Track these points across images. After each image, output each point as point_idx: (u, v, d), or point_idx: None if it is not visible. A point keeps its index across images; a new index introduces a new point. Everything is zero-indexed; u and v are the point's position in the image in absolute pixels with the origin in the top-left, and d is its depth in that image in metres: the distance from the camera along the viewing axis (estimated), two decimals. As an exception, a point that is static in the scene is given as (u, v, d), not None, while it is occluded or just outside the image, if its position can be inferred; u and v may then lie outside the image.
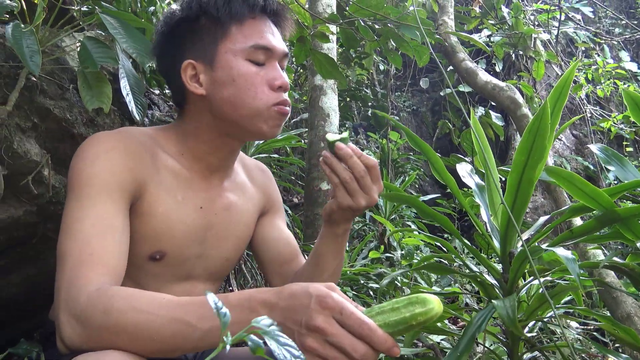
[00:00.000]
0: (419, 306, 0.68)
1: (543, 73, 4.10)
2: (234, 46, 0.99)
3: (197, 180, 1.06)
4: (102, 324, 0.74)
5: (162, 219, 0.99)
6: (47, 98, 1.10)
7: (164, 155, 1.02)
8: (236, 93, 0.98)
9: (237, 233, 1.14)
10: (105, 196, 0.90)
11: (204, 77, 1.00)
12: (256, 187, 1.22)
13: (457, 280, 3.10)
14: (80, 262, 0.83)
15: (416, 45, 1.51)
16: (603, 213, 1.13)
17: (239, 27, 1.00)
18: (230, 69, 0.98)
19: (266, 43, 1.01)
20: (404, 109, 5.87)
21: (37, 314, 1.50)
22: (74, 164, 0.94)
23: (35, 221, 1.17)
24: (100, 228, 0.87)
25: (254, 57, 1.00)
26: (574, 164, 5.01)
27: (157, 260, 1.00)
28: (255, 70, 0.99)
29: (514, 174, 1.16)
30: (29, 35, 0.93)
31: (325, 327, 0.66)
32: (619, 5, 6.25)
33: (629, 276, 1.23)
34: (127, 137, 0.98)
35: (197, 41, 1.01)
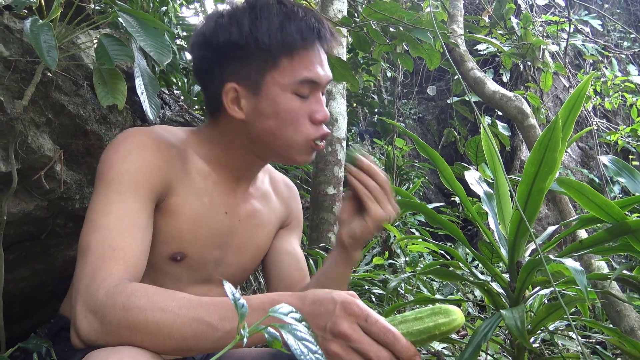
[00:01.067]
0: (442, 316, 0.71)
1: (550, 84, 4.10)
2: (283, 80, 0.96)
3: (224, 185, 1.06)
4: (120, 320, 0.74)
5: (187, 220, 0.99)
6: (61, 94, 1.10)
7: (194, 157, 1.03)
8: (278, 126, 0.98)
9: (258, 242, 1.14)
10: (133, 193, 0.90)
11: (245, 103, 0.98)
12: (280, 200, 1.22)
13: (459, 289, 3.10)
14: (102, 256, 0.83)
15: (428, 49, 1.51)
16: (614, 225, 1.13)
17: (289, 59, 0.96)
18: (276, 103, 0.97)
19: (314, 77, 0.98)
20: (410, 116, 5.88)
21: (43, 309, 1.50)
22: (105, 157, 0.94)
23: (45, 216, 1.17)
24: (126, 224, 0.87)
25: (301, 91, 0.98)
26: (579, 176, 5.00)
27: (177, 262, 1.00)
28: (299, 104, 0.98)
29: (523, 185, 1.16)
30: (47, 30, 0.94)
31: (350, 333, 0.67)
32: (628, 19, 6.25)
33: (637, 289, 1.23)
34: (160, 136, 0.98)
35: (243, 66, 0.97)
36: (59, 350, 0.95)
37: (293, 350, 0.51)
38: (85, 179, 1.22)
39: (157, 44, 1.00)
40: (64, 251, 1.34)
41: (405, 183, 4.44)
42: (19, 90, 1.00)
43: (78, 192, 1.20)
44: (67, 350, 0.90)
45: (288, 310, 0.60)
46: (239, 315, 0.55)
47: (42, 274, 1.36)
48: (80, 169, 1.22)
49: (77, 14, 1.15)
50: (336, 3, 2.39)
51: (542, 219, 4.60)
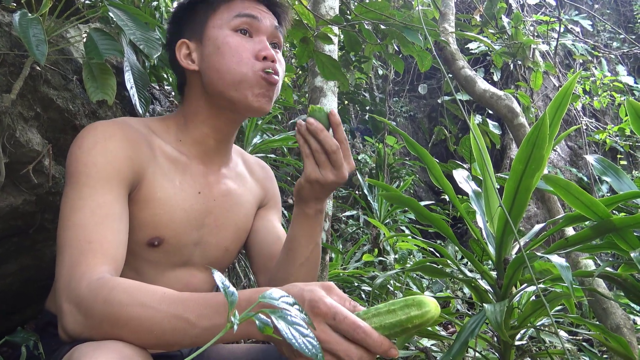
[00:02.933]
0: (415, 309, 0.67)
1: (541, 84, 4.12)
2: (221, 20, 1.04)
3: (195, 166, 1.07)
4: (102, 315, 0.75)
5: (160, 204, 0.99)
6: (50, 88, 1.10)
7: (160, 142, 1.04)
8: (221, 60, 1.01)
9: (237, 222, 1.14)
10: (103, 184, 0.90)
11: (195, 55, 1.05)
12: (255, 180, 1.23)
13: (448, 287, 3.12)
14: (79, 251, 0.83)
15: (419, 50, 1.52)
16: (599, 222, 1.15)
17: (226, 4, 1.05)
18: (215, 39, 1.02)
19: (250, 11, 1.04)
20: (401, 114, 5.89)
21: (32, 304, 1.49)
22: (71, 152, 0.94)
23: (33, 211, 1.17)
24: (99, 217, 0.87)
25: (239, 26, 1.03)
26: (568, 175, 5.04)
27: (155, 247, 1.00)
28: (239, 39, 1.03)
29: (511, 182, 1.17)
30: (36, 24, 0.93)
31: (317, 334, 0.65)
32: (617, 20, 6.31)
33: (622, 286, 1.25)
34: (124, 125, 0.99)
35: (191, 23, 1.06)
36: (45, 344, 0.95)
37: (284, 335, 0.51)
38: (74, 174, 1.22)
39: (147, 38, 1.00)
40: (52, 246, 1.33)
41: (396, 181, 4.46)
42: (7, 84, 1.00)
43: (67, 187, 1.20)
44: (53, 344, 0.90)
45: (279, 294, 0.59)
46: (229, 303, 0.55)
47: (30, 269, 1.35)
48: (69, 163, 1.21)
49: (66, 8, 1.15)
50: (328, 0, 2.39)
51: (530, 217, 4.63)
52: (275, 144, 3.11)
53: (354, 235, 3.86)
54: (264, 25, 1.05)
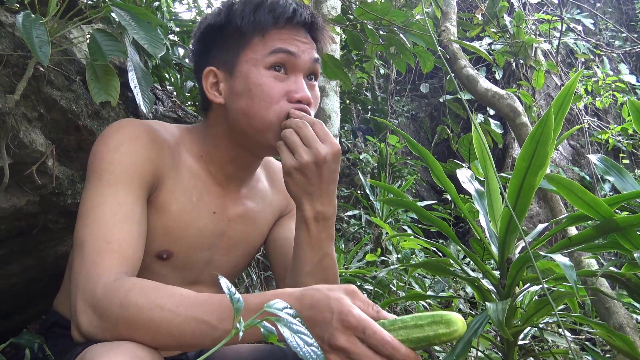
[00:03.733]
0: (443, 327, 0.68)
1: (542, 83, 4.12)
2: (255, 55, 0.95)
3: (214, 185, 1.04)
4: (118, 317, 0.74)
5: (173, 217, 0.97)
6: (54, 89, 1.10)
7: (185, 154, 1.01)
8: (250, 104, 0.94)
9: (249, 241, 1.12)
10: (125, 184, 0.89)
11: (223, 86, 0.98)
12: (277, 189, 1.19)
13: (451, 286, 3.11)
14: (98, 250, 0.82)
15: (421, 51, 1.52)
16: (602, 222, 1.15)
17: (261, 36, 0.96)
18: (247, 79, 0.95)
19: (287, 47, 0.95)
20: (403, 113, 5.89)
21: (36, 305, 1.50)
22: (96, 148, 0.93)
23: (37, 212, 1.17)
24: (120, 217, 0.86)
25: (274, 62, 0.95)
26: (570, 174, 5.04)
27: (163, 260, 0.98)
28: (273, 80, 0.95)
29: (515, 180, 1.17)
30: (39, 25, 0.93)
31: (348, 347, 0.66)
32: (619, 18, 6.30)
33: (626, 286, 1.25)
34: (152, 128, 0.97)
35: (222, 50, 0.99)
36: (51, 346, 0.95)
37: (289, 343, 0.51)
38: (77, 175, 1.22)
39: (150, 37, 0.99)
40: (55, 247, 1.34)
41: (398, 180, 4.45)
42: (11, 84, 1.00)
43: (70, 188, 1.20)
44: (59, 345, 0.90)
45: (283, 305, 0.60)
46: (235, 310, 0.56)
47: (33, 270, 1.36)
48: (73, 164, 1.21)
49: (69, 9, 1.15)
50: (330, 0, 2.39)
51: (533, 217, 4.63)
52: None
53: (356, 234, 3.86)
54: (302, 61, 0.97)
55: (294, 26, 0.98)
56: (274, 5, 0.96)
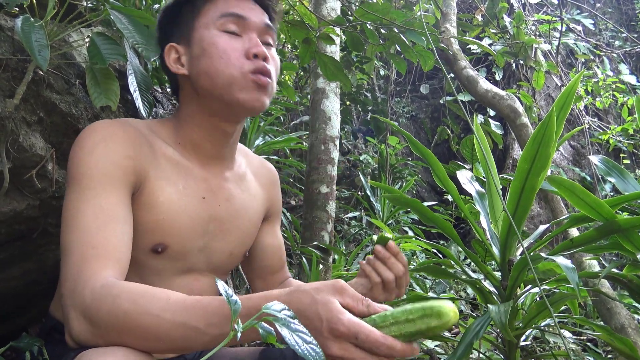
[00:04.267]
0: (434, 319, 0.67)
1: (543, 83, 4.11)
2: (206, 19, 1.00)
3: (197, 170, 1.04)
4: (107, 323, 0.74)
5: (163, 209, 0.96)
6: (53, 92, 1.09)
7: (162, 144, 1.01)
8: (209, 62, 0.98)
9: (241, 226, 1.12)
10: (105, 186, 0.88)
11: (185, 59, 1.02)
12: (261, 185, 1.20)
13: (452, 288, 3.11)
14: (83, 256, 0.82)
15: (421, 50, 1.52)
16: (604, 223, 1.14)
17: (211, 3, 1.02)
18: (202, 41, 0.99)
19: (237, 11, 1.00)
20: (404, 114, 5.89)
21: (36, 307, 1.49)
22: (72, 154, 0.92)
23: (36, 215, 1.17)
24: (103, 220, 0.85)
25: (227, 27, 0.99)
26: (571, 175, 5.03)
27: (159, 253, 0.97)
28: (227, 39, 0.99)
29: (516, 182, 1.16)
30: (38, 29, 0.93)
31: (342, 354, 0.65)
32: (619, 18, 6.29)
33: (628, 287, 1.24)
34: (125, 125, 0.97)
35: (177, 26, 1.04)
36: (49, 350, 0.95)
37: (288, 342, 0.51)
38: (77, 178, 1.22)
39: (146, 41, 1.00)
40: (55, 250, 1.33)
41: (399, 181, 4.45)
42: (10, 88, 1.00)
43: (70, 191, 1.20)
44: (58, 349, 0.89)
45: (281, 307, 0.60)
46: (232, 312, 0.55)
47: (33, 273, 1.35)
48: (72, 167, 1.21)
49: (68, 12, 1.14)
50: (329, 1, 2.39)
51: (534, 217, 4.62)
52: (277, 146, 3.11)
53: (357, 236, 3.86)
54: (253, 22, 1.01)
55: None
56: None
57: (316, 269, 2.06)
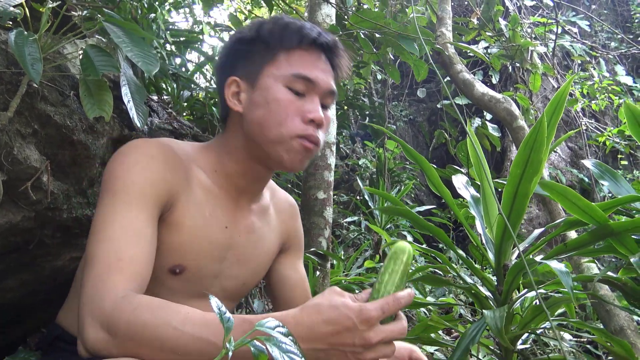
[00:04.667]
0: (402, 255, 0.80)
1: (539, 85, 4.13)
2: (277, 71, 1.00)
3: (226, 199, 1.06)
4: (125, 334, 0.75)
5: (187, 233, 0.98)
6: (47, 104, 1.10)
7: (198, 170, 1.03)
8: (266, 115, 0.99)
9: (258, 258, 1.14)
10: (139, 204, 0.90)
11: (244, 96, 1.03)
12: (280, 219, 1.22)
13: (451, 291, 3.11)
14: (108, 266, 0.83)
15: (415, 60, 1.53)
16: (597, 227, 1.15)
17: (286, 55, 1.01)
18: (267, 92, 0.99)
19: (308, 73, 1.00)
20: (401, 118, 5.90)
21: (32, 319, 1.50)
22: (112, 167, 0.94)
23: (32, 227, 1.17)
24: (132, 235, 0.87)
25: (294, 86, 0.99)
26: (569, 176, 5.04)
27: (176, 274, 0.99)
28: (290, 98, 0.99)
29: (509, 187, 1.17)
30: (31, 43, 0.94)
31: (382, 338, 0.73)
32: (615, 20, 6.31)
33: (622, 290, 1.25)
34: (166, 147, 0.99)
35: (247, 62, 1.03)
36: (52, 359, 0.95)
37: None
38: (72, 189, 1.22)
39: (144, 54, 1.00)
40: (52, 261, 1.34)
41: (397, 185, 4.46)
42: (4, 101, 1.00)
43: (65, 202, 1.20)
44: (60, 359, 0.90)
45: (275, 324, 0.61)
46: (225, 330, 0.56)
47: (30, 284, 1.36)
48: (68, 179, 1.21)
49: (63, 24, 1.15)
50: (324, 8, 2.40)
51: (532, 219, 4.63)
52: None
53: (356, 240, 3.86)
54: (320, 87, 1.02)
55: (316, 49, 1.04)
56: (301, 26, 1.03)
57: (314, 276, 2.06)
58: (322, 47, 1.04)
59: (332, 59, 1.07)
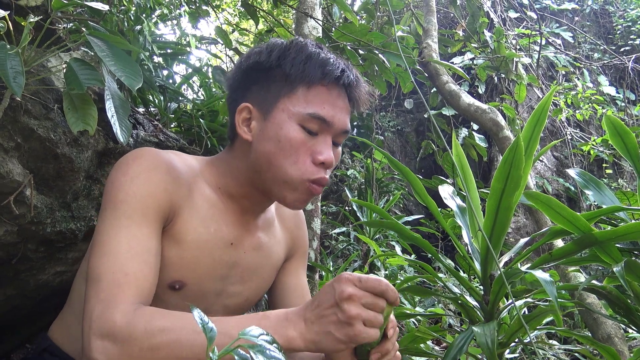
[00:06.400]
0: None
1: (525, 96, 4.18)
2: (293, 107, 0.95)
3: (232, 215, 1.04)
4: (142, 343, 0.75)
5: (189, 247, 0.96)
6: (31, 118, 1.09)
7: (203, 184, 1.01)
8: (276, 153, 0.95)
9: (262, 274, 1.12)
10: (142, 216, 0.89)
11: (255, 125, 0.99)
12: (285, 228, 1.20)
13: (441, 301, 3.11)
14: (115, 282, 0.82)
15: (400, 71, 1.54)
16: (581, 236, 1.16)
17: (305, 90, 0.96)
18: (279, 128, 0.95)
19: (324, 115, 0.96)
20: (389, 128, 5.93)
21: (17, 334, 1.47)
22: (113, 177, 0.92)
23: (15, 241, 1.16)
24: (137, 249, 0.86)
25: (308, 125, 0.95)
26: (555, 185, 5.09)
27: (175, 290, 0.97)
28: (303, 138, 0.95)
29: (492, 201, 1.18)
30: (13, 56, 0.93)
31: (356, 292, 0.77)
32: (597, 31, 6.42)
33: (607, 299, 1.26)
34: (170, 159, 0.97)
35: (262, 89, 0.99)
36: None
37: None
38: (56, 203, 1.21)
39: (128, 68, 0.99)
40: (36, 275, 1.32)
41: (385, 195, 4.47)
42: (-13, 115, 1.00)
43: (49, 216, 1.19)
44: None
45: (259, 332, 0.60)
46: (208, 339, 0.56)
47: (15, 299, 1.34)
48: (52, 192, 1.20)
49: (47, 37, 1.15)
50: (311, 20, 2.42)
51: (520, 228, 4.66)
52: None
53: (345, 251, 3.86)
54: (334, 128, 0.98)
55: (337, 87, 0.99)
56: (324, 61, 0.97)
57: (302, 287, 2.05)
58: (343, 84, 0.99)
59: (351, 94, 1.02)
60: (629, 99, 5.54)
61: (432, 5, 3.97)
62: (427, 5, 3.98)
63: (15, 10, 1.31)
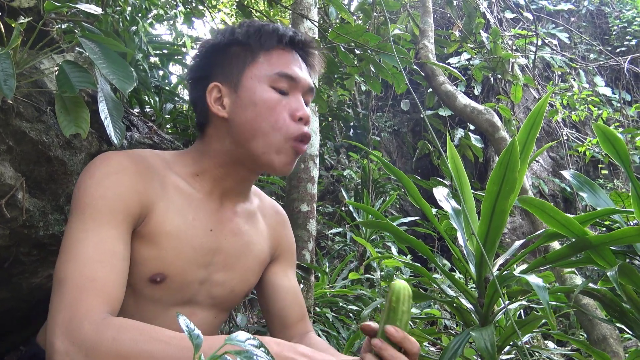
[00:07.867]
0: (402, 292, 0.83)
1: (521, 96, 4.19)
2: (260, 72, 1.01)
3: (209, 202, 1.05)
4: (109, 352, 0.74)
5: (167, 239, 0.96)
6: (23, 121, 1.08)
7: (175, 177, 1.02)
8: (256, 117, 0.99)
9: (246, 263, 1.11)
10: (110, 220, 0.88)
11: (227, 101, 1.02)
12: (268, 224, 1.20)
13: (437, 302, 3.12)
14: (81, 288, 0.81)
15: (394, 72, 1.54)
16: (575, 240, 1.16)
17: (266, 55, 1.03)
18: (253, 93, 1.00)
19: (291, 72, 1.02)
20: (385, 129, 5.93)
21: (12, 336, 1.46)
22: (81, 182, 0.92)
23: (7, 244, 1.15)
24: (103, 253, 0.85)
25: (278, 85, 1.01)
26: (551, 186, 5.10)
27: (157, 283, 0.96)
28: (277, 97, 1.00)
29: (487, 203, 1.17)
30: (4, 58, 0.92)
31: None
32: (593, 32, 6.44)
33: (601, 301, 1.26)
34: (139, 158, 0.97)
35: (226, 66, 1.03)
36: None
37: None
38: (49, 206, 1.20)
39: (120, 72, 0.99)
40: (29, 279, 1.31)
41: (382, 196, 4.47)
42: (-22, 118, 0.99)
43: (42, 220, 1.18)
44: None
45: (246, 337, 0.60)
46: (194, 347, 0.55)
47: (8, 302, 1.33)
48: (44, 195, 1.19)
49: (40, 39, 1.14)
50: (307, 22, 2.41)
51: (516, 229, 4.67)
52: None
53: (341, 252, 3.86)
54: (301, 85, 1.04)
55: (292, 49, 1.06)
56: (275, 28, 1.05)
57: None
58: (297, 46, 1.07)
59: (305, 57, 1.10)
60: (625, 99, 5.56)
61: (429, 5, 3.97)
62: (424, 5, 3.98)
63: (7, 12, 1.30)
